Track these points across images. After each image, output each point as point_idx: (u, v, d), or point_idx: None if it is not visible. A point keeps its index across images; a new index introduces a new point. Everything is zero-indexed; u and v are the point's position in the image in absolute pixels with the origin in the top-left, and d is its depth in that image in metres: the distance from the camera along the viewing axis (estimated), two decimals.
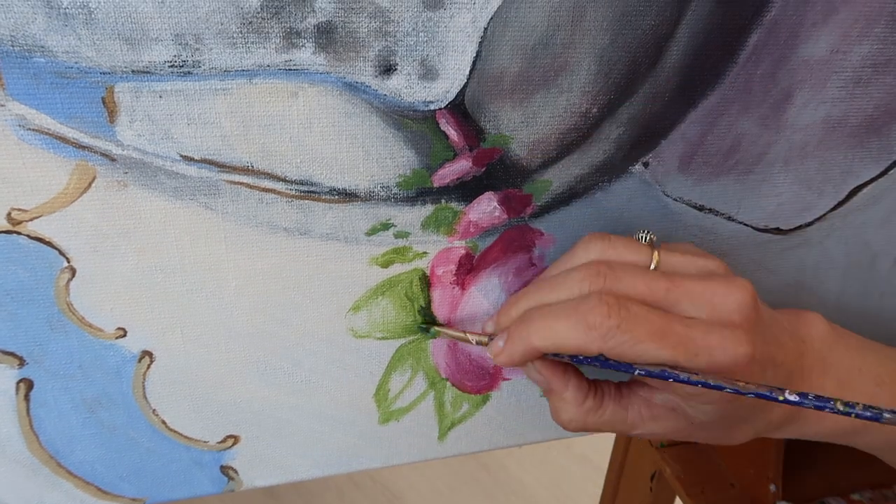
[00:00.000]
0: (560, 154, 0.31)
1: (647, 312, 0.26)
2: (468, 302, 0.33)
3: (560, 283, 0.28)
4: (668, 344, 0.25)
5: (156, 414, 0.31)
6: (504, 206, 0.31)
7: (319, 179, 0.29)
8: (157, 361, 0.30)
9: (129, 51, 0.25)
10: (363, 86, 0.27)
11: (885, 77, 0.33)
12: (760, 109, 0.32)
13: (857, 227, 0.37)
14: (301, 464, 0.35)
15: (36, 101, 0.25)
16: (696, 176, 0.33)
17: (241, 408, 0.33)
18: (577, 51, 0.28)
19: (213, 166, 0.27)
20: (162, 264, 0.29)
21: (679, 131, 0.32)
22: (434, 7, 0.26)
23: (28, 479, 0.31)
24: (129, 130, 0.26)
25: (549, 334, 0.26)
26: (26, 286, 0.27)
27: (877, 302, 0.40)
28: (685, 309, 0.26)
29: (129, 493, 0.33)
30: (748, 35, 0.30)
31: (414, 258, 0.31)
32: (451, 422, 0.36)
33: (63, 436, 0.31)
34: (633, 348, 0.25)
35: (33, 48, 0.24)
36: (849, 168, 0.35)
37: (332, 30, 0.26)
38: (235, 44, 0.25)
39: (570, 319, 0.26)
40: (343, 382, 0.33)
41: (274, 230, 0.29)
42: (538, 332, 0.27)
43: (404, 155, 0.29)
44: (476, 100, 0.28)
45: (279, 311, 0.31)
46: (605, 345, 0.25)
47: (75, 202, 0.27)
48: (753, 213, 0.35)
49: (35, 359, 0.29)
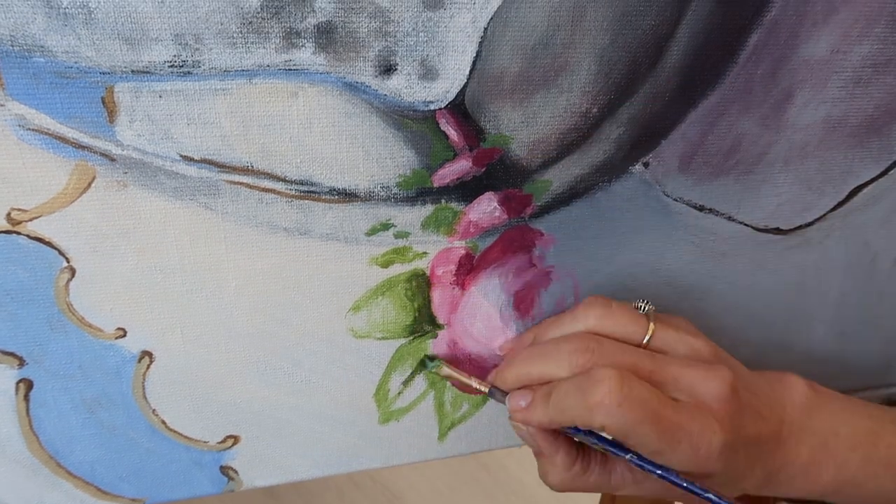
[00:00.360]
0: (560, 154, 0.31)
1: (646, 393, 0.27)
2: (468, 302, 0.33)
3: (553, 353, 0.30)
4: (659, 428, 0.27)
5: (156, 414, 0.31)
6: (504, 207, 0.31)
7: (319, 179, 0.29)
8: (157, 361, 0.30)
9: (128, 51, 0.25)
10: (363, 86, 0.27)
11: (885, 77, 0.33)
12: (761, 109, 0.32)
13: (857, 227, 0.37)
14: (301, 464, 0.35)
15: (36, 100, 0.25)
16: (696, 176, 0.33)
17: (241, 408, 0.33)
18: (577, 51, 0.28)
19: (213, 166, 0.27)
20: (162, 264, 0.28)
21: (679, 131, 0.32)
22: (434, 7, 0.26)
23: (28, 479, 0.31)
24: (128, 130, 0.26)
25: (563, 412, 0.28)
26: (26, 286, 0.27)
27: (877, 302, 0.40)
28: (669, 391, 0.29)
29: (129, 493, 0.33)
30: (748, 35, 0.30)
31: (414, 258, 0.31)
32: (451, 422, 0.36)
33: (63, 436, 0.31)
34: (630, 429, 0.27)
35: (33, 48, 0.24)
36: (849, 168, 0.35)
37: (332, 30, 0.26)
38: (235, 44, 0.25)
39: (577, 396, 0.28)
40: (343, 382, 0.33)
41: (274, 230, 0.29)
42: (556, 407, 0.29)
43: (404, 155, 0.29)
44: (476, 100, 0.28)
45: (279, 312, 0.31)
46: (608, 422, 0.27)
47: (75, 202, 0.26)
48: (753, 213, 0.35)
49: (35, 359, 0.29)
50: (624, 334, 0.30)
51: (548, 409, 0.29)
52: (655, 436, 0.27)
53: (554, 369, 0.30)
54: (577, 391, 0.28)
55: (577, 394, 0.28)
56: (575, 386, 0.28)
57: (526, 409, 0.30)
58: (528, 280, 0.34)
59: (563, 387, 0.29)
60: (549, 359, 0.30)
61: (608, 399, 0.27)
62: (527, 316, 0.34)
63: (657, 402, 0.27)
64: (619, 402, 0.26)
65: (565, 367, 0.29)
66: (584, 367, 0.29)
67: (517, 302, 0.34)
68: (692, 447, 0.27)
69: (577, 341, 0.30)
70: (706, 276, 0.36)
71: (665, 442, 0.27)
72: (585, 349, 0.29)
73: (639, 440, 0.27)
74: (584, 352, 0.29)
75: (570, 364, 0.29)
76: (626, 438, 0.28)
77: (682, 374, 0.29)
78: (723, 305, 0.38)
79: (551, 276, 0.34)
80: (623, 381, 0.27)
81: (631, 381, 0.27)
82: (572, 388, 0.28)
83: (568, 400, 0.28)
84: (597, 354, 0.29)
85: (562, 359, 0.30)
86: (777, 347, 0.41)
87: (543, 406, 0.29)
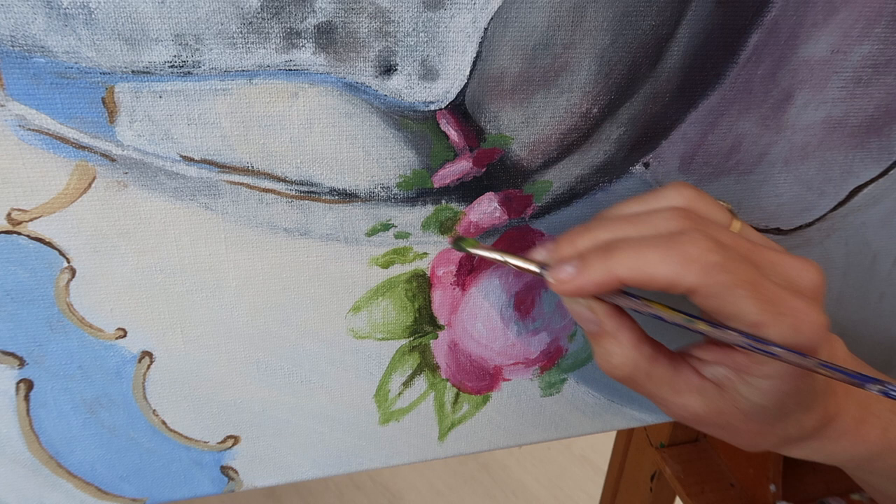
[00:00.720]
0: (560, 155, 0.31)
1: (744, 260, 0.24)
2: (469, 303, 0.33)
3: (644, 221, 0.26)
4: (761, 297, 0.23)
5: (156, 414, 0.31)
6: (504, 207, 0.31)
7: (319, 180, 0.29)
8: (157, 362, 0.30)
9: (129, 51, 0.25)
10: (363, 86, 0.27)
11: (885, 77, 0.33)
12: (761, 110, 0.32)
13: (857, 227, 0.37)
14: (301, 464, 0.35)
15: (36, 101, 0.25)
16: (696, 176, 0.33)
17: (241, 408, 0.33)
18: (577, 51, 0.28)
19: (214, 167, 0.27)
20: (162, 265, 0.29)
21: (679, 132, 0.32)
22: (434, 7, 0.26)
23: (28, 479, 0.31)
24: (129, 131, 0.26)
25: (640, 263, 0.24)
26: (26, 286, 0.27)
27: (877, 302, 0.40)
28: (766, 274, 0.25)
29: (130, 493, 0.33)
30: (748, 35, 0.30)
31: (414, 259, 0.31)
32: (451, 422, 0.36)
33: (63, 436, 0.31)
34: (728, 292, 0.23)
35: (33, 48, 0.24)
36: (849, 168, 0.35)
37: (332, 30, 0.26)
38: (235, 44, 0.25)
39: (668, 251, 0.24)
40: (343, 383, 0.33)
41: (274, 230, 0.29)
42: (625, 260, 0.24)
43: (404, 155, 0.29)
44: (476, 100, 0.28)
45: (279, 312, 0.31)
46: (702, 280, 0.23)
47: (75, 202, 0.27)
48: (754, 214, 0.35)
49: (35, 359, 0.29)
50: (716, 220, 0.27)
51: (610, 262, 0.24)
52: (756, 305, 0.23)
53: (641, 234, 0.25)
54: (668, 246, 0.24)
55: (669, 248, 0.24)
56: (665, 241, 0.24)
57: (579, 272, 0.25)
58: (529, 281, 0.34)
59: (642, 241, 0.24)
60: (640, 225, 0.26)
61: (710, 257, 0.23)
62: (527, 317, 0.34)
63: (756, 274, 0.24)
64: (721, 263, 0.23)
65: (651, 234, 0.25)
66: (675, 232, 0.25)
67: (518, 303, 0.34)
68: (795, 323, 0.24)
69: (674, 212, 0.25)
70: None
71: (767, 313, 0.23)
72: (686, 217, 0.25)
73: (736, 308, 0.24)
74: (685, 219, 0.25)
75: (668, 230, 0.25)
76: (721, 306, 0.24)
77: (780, 261, 0.26)
78: None
79: None
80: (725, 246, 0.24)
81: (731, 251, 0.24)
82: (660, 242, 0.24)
83: (651, 254, 0.24)
84: (693, 223, 0.25)
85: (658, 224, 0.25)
86: None
87: (604, 261, 0.24)
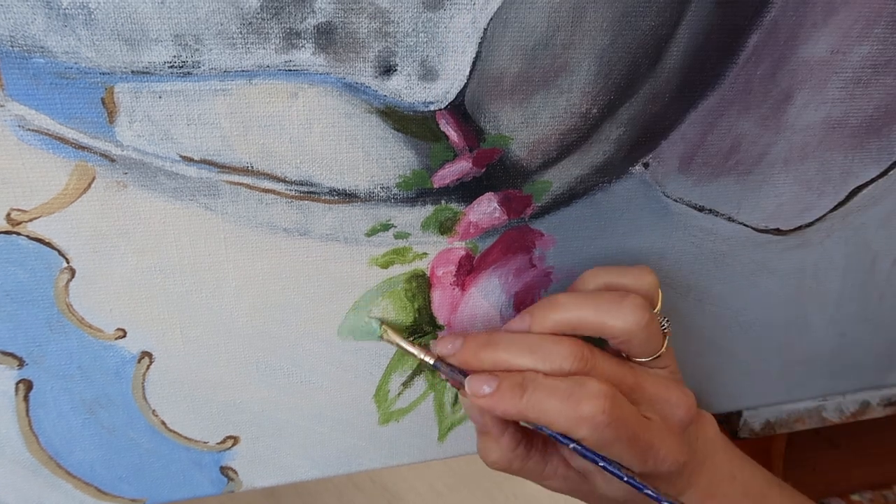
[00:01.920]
0: (560, 155, 0.31)
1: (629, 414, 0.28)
2: (468, 303, 0.33)
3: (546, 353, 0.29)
4: (636, 450, 0.28)
5: (155, 414, 0.31)
6: (504, 207, 0.31)
7: (319, 180, 0.29)
8: (157, 362, 0.30)
9: (128, 51, 0.25)
10: (363, 86, 0.27)
11: (885, 78, 0.33)
12: (760, 110, 0.32)
13: (857, 227, 0.37)
14: (301, 464, 0.35)
15: (35, 101, 0.25)
16: (696, 176, 0.33)
17: (240, 408, 0.33)
18: (577, 51, 0.28)
19: (213, 167, 0.27)
20: (162, 265, 0.28)
21: (679, 132, 0.32)
22: (434, 8, 0.26)
23: (28, 479, 0.31)
24: (128, 131, 0.26)
25: (543, 412, 0.27)
26: (26, 287, 0.27)
27: (877, 302, 0.40)
28: (643, 410, 0.30)
29: (129, 493, 0.33)
30: (748, 36, 0.30)
31: (414, 259, 0.31)
32: (451, 422, 0.36)
33: (63, 436, 0.31)
34: (610, 445, 0.27)
35: (33, 48, 0.24)
36: (849, 169, 0.35)
37: (331, 30, 0.26)
38: (235, 44, 0.25)
39: (566, 404, 0.27)
40: (343, 383, 0.33)
41: (274, 230, 0.29)
42: (534, 404, 0.27)
43: (404, 156, 0.29)
44: (476, 100, 0.28)
45: (279, 312, 0.31)
46: (591, 435, 0.27)
47: (75, 203, 0.26)
48: (753, 214, 0.35)
49: (35, 359, 0.29)
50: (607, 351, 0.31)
51: (520, 403, 0.28)
52: (629, 453, 0.28)
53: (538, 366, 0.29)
54: (567, 398, 0.27)
55: (567, 402, 0.27)
56: (565, 393, 0.27)
57: (492, 396, 0.28)
58: (528, 281, 0.34)
59: (547, 386, 0.28)
60: (537, 355, 0.29)
61: (600, 417, 0.27)
62: None
63: (636, 423, 0.28)
64: (608, 423, 0.27)
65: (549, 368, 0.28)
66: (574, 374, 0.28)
67: (517, 303, 0.34)
68: (657, 464, 0.29)
69: (569, 349, 0.29)
70: (706, 276, 0.36)
71: (636, 458, 0.28)
72: (579, 358, 0.28)
73: (612, 453, 0.28)
74: (577, 360, 0.28)
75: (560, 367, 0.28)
76: (600, 450, 0.28)
77: (658, 397, 0.30)
78: (722, 306, 0.38)
79: (551, 276, 0.34)
80: (615, 402, 0.27)
81: (621, 402, 0.28)
82: (561, 393, 0.27)
83: (552, 403, 0.27)
84: (590, 365, 0.28)
85: (552, 359, 0.29)
86: (777, 348, 0.41)
87: (515, 398, 0.28)
